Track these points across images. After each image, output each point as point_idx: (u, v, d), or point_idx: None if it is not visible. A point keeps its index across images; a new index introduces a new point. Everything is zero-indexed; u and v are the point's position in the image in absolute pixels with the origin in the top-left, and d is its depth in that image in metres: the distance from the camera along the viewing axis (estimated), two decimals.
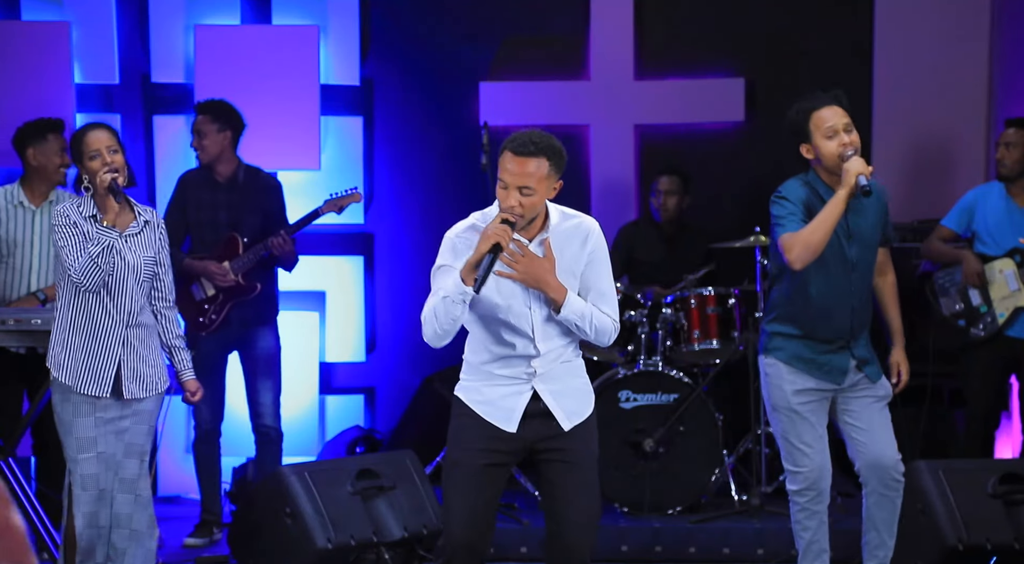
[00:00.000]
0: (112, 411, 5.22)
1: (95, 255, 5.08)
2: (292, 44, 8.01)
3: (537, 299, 4.41)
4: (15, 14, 8.02)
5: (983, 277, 6.65)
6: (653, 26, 8.19)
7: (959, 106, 7.87)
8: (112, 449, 5.21)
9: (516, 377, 4.44)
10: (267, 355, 6.85)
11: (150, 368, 5.29)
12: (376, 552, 6.04)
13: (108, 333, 5.21)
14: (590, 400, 4.54)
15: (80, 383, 5.18)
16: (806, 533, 5.34)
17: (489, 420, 4.43)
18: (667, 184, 7.65)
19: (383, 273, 8.17)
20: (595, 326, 4.41)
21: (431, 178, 8.15)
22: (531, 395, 4.43)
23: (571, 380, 4.50)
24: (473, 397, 4.47)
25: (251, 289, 6.76)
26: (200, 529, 6.84)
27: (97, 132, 5.26)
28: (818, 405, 5.30)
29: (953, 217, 6.82)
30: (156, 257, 5.31)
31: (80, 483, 5.19)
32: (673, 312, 7.12)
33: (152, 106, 8.08)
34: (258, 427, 6.88)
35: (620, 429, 6.91)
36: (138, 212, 5.31)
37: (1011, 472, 5.94)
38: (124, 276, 5.21)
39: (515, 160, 4.28)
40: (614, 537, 6.60)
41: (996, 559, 5.81)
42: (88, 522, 5.20)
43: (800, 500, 5.32)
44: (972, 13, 7.96)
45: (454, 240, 4.43)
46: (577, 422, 4.46)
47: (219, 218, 6.82)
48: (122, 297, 5.22)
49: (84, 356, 5.20)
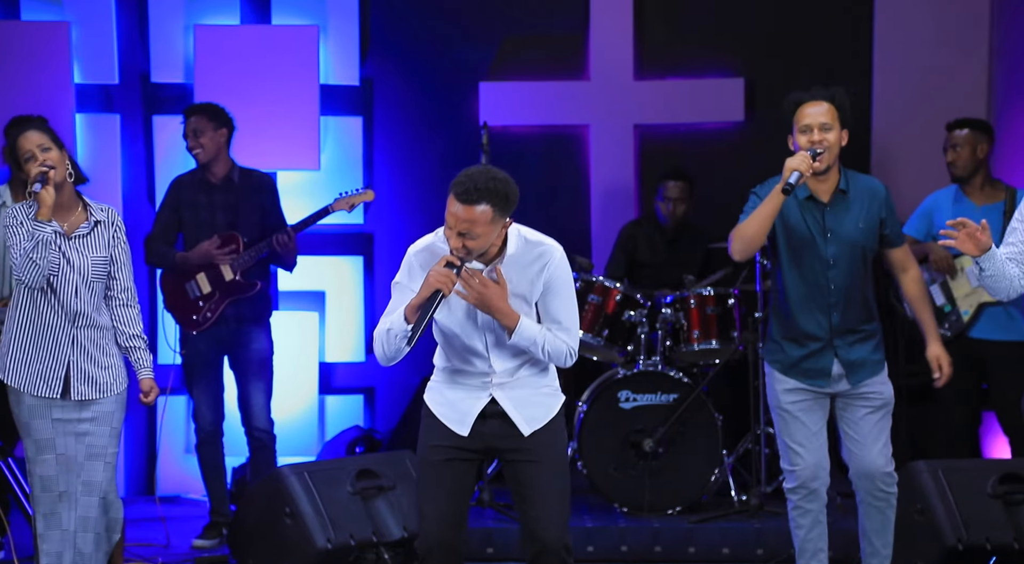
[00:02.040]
0: (70, 413, 5.18)
1: (28, 250, 5.02)
2: (292, 44, 8.00)
3: (489, 324, 4.45)
4: (15, 14, 8.02)
5: (951, 261, 6.69)
6: (653, 26, 8.19)
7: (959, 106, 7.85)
8: (72, 451, 5.17)
9: (475, 386, 4.52)
10: (259, 357, 6.84)
11: (103, 370, 5.23)
12: (376, 552, 6.04)
13: (55, 334, 5.17)
14: (555, 403, 4.57)
15: (28, 385, 5.15)
16: (800, 531, 5.41)
17: (444, 422, 4.51)
18: (677, 191, 7.62)
19: (383, 273, 8.16)
20: (548, 351, 4.45)
21: (431, 178, 8.14)
22: (488, 400, 4.50)
23: (533, 389, 4.54)
24: (434, 398, 4.58)
25: (250, 287, 6.76)
26: (209, 530, 6.83)
27: (27, 133, 5.17)
28: (810, 405, 5.34)
29: (913, 223, 6.91)
30: (109, 255, 5.24)
31: (40, 485, 5.16)
32: (673, 312, 7.12)
33: (152, 106, 8.08)
34: (250, 431, 6.85)
35: (620, 429, 6.90)
36: (91, 212, 5.25)
37: (1011, 472, 5.94)
38: (70, 277, 5.16)
39: (458, 205, 4.30)
40: (614, 537, 6.59)
41: (996, 559, 5.81)
42: (48, 524, 5.17)
43: (794, 498, 5.39)
44: (972, 13, 7.95)
45: (411, 259, 4.49)
46: (536, 427, 4.51)
47: (216, 219, 6.81)
48: (68, 298, 5.16)
49: (32, 358, 5.17)
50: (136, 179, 8.07)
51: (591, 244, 8.05)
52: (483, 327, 4.47)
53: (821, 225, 5.25)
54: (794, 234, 5.29)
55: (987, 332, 6.63)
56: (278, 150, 7.88)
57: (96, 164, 7.71)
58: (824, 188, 5.30)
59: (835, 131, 5.23)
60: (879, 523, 5.41)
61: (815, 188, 5.30)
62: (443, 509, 4.48)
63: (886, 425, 5.38)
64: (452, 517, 4.50)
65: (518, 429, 4.49)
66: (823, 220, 5.26)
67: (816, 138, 5.19)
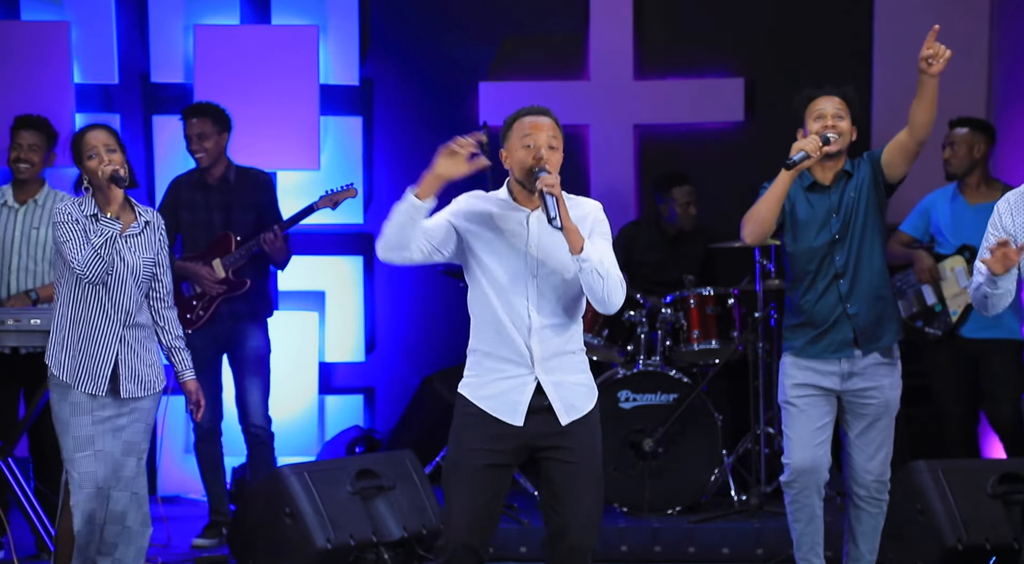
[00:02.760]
0: (109, 410, 5.22)
1: (98, 246, 5.10)
2: (292, 44, 8.01)
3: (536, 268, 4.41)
4: (15, 14, 8.03)
5: (935, 273, 6.73)
6: (653, 26, 8.19)
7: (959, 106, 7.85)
8: (110, 447, 5.22)
9: (517, 363, 4.40)
10: (256, 354, 6.84)
11: (147, 367, 5.30)
12: (376, 552, 6.04)
13: (105, 332, 5.22)
14: (592, 396, 4.51)
15: (77, 381, 5.18)
16: (797, 525, 5.47)
17: (494, 415, 4.41)
18: (686, 195, 7.63)
19: (383, 273, 8.17)
20: (611, 273, 4.36)
21: None
22: (535, 387, 4.41)
23: (572, 375, 4.47)
24: (477, 393, 4.46)
25: (240, 285, 6.76)
26: (209, 530, 6.83)
27: (95, 132, 5.28)
28: (816, 401, 5.39)
29: (910, 221, 6.93)
30: (156, 258, 5.33)
31: (78, 482, 5.19)
32: (673, 312, 7.12)
33: (152, 106, 8.08)
34: (247, 428, 6.85)
35: (620, 429, 6.91)
36: (139, 212, 5.33)
37: (1011, 472, 5.94)
38: (123, 275, 5.22)
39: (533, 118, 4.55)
40: (614, 537, 6.59)
41: (996, 559, 5.81)
42: (86, 520, 5.21)
43: (790, 492, 5.46)
44: (972, 13, 7.95)
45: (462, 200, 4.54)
46: (575, 417, 4.44)
47: (213, 219, 6.83)
48: (120, 296, 5.22)
49: (81, 354, 5.20)
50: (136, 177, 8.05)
51: None
52: (530, 271, 4.40)
53: (827, 205, 5.35)
54: (801, 220, 5.37)
55: (977, 331, 6.65)
56: (278, 150, 7.89)
57: None
58: (828, 175, 5.38)
59: (847, 121, 5.34)
60: (869, 527, 5.46)
61: (819, 176, 5.38)
62: (476, 516, 4.39)
63: (887, 433, 5.42)
64: (482, 524, 4.41)
65: (559, 425, 4.40)
66: (828, 201, 5.35)
67: (830, 123, 5.30)
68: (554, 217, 4.26)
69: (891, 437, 5.43)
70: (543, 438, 4.42)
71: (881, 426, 5.39)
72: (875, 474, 5.39)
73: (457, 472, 4.43)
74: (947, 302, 6.72)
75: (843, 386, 5.37)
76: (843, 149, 5.35)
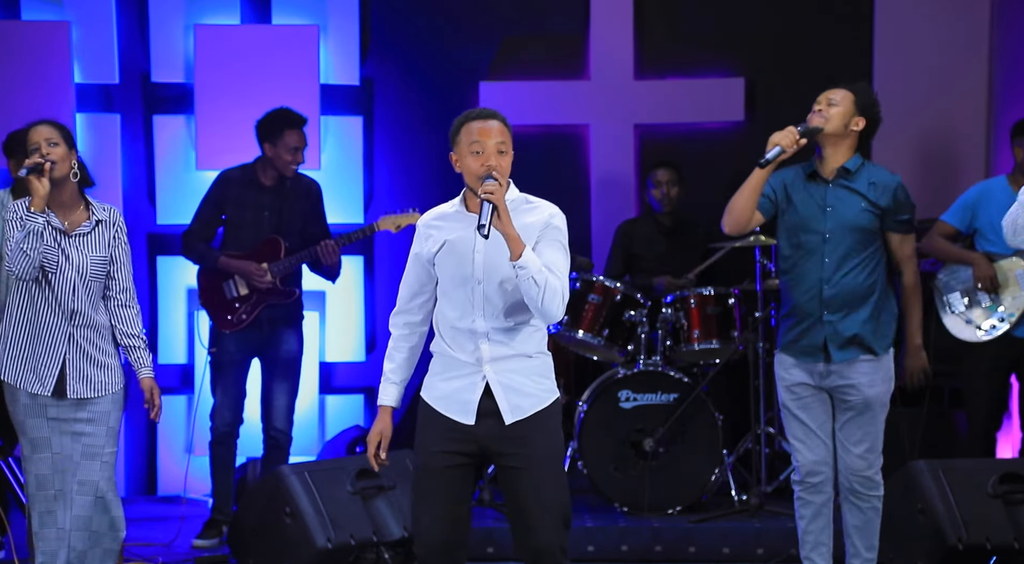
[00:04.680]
0: (66, 412, 5.18)
1: (19, 240, 5.04)
2: (292, 44, 8.01)
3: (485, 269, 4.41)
4: (15, 14, 8.02)
5: (996, 280, 6.50)
6: (653, 26, 8.19)
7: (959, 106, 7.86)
8: (68, 450, 5.17)
9: (468, 363, 4.44)
10: (289, 358, 6.85)
11: (99, 369, 5.23)
12: (376, 552, 6.04)
13: (51, 331, 5.17)
14: (545, 399, 4.48)
15: (23, 381, 5.16)
16: (802, 522, 5.51)
17: (447, 414, 4.48)
18: (666, 175, 7.65)
19: (383, 273, 8.17)
20: (548, 283, 4.31)
21: (431, 178, 8.14)
22: (484, 387, 4.43)
23: (524, 376, 4.46)
24: (432, 394, 4.54)
25: (289, 294, 6.78)
26: (209, 529, 6.82)
27: (39, 127, 5.20)
28: (809, 402, 5.44)
29: (955, 213, 6.69)
30: (109, 255, 5.26)
31: (35, 483, 5.16)
32: (673, 312, 7.12)
33: (152, 106, 8.08)
34: (269, 430, 6.85)
35: (620, 429, 6.90)
36: (92, 211, 5.27)
37: (1011, 472, 5.94)
38: (67, 274, 5.17)
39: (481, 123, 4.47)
40: (614, 537, 6.59)
41: (996, 559, 5.81)
42: (43, 522, 5.17)
43: (797, 489, 5.51)
44: (972, 14, 7.95)
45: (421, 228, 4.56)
46: (519, 417, 4.43)
47: (262, 220, 6.80)
48: (65, 295, 5.17)
49: (27, 354, 5.17)
50: (136, 179, 8.07)
51: (591, 244, 8.05)
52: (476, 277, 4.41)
53: (822, 201, 5.37)
54: (796, 209, 5.41)
55: None
56: None
57: (96, 164, 7.67)
58: (828, 168, 5.41)
59: (842, 107, 5.36)
60: (860, 522, 5.46)
61: (820, 167, 5.42)
62: (443, 518, 4.44)
63: (869, 428, 5.41)
64: (452, 526, 4.45)
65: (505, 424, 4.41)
66: (824, 197, 5.37)
67: (819, 108, 5.37)
68: (483, 224, 4.25)
69: (875, 433, 5.41)
70: (496, 441, 4.43)
71: (861, 421, 5.40)
72: (855, 469, 5.40)
73: (420, 478, 4.52)
74: (1005, 305, 6.54)
75: (822, 383, 5.43)
76: (839, 134, 5.35)
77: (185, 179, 7.94)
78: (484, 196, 4.28)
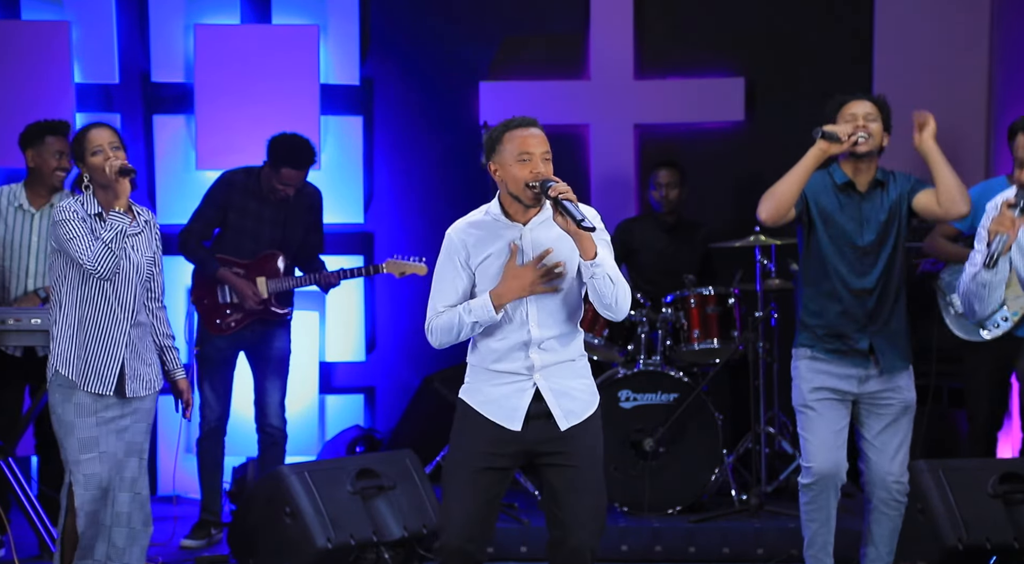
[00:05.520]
0: (113, 410, 5.22)
1: (109, 240, 5.09)
2: (292, 44, 8.01)
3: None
4: (15, 14, 8.02)
5: None
6: (653, 26, 8.19)
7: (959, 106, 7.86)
8: (113, 448, 5.21)
9: (517, 373, 4.44)
10: (279, 356, 6.84)
11: (148, 367, 5.30)
12: (376, 552, 6.04)
13: (113, 332, 5.21)
14: (592, 402, 4.53)
15: (85, 381, 5.17)
16: (812, 524, 5.48)
17: (493, 419, 4.44)
18: (668, 176, 7.65)
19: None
20: (619, 280, 4.38)
21: (431, 178, 8.15)
22: (533, 393, 4.44)
23: (572, 380, 4.50)
24: (476, 398, 4.49)
25: (281, 314, 6.78)
26: (198, 530, 6.80)
27: (99, 130, 5.27)
28: (833, 404, 5.39)
29: None
30: (154, 257, 5.34)
31: (83, 483, 5.18)
32: (673, 312, 7.12)
33: (152, 106, 8.08)
34: (263, 427, 6.85)
35: (620, 429, 6.91)
36: (137, 212, 5.32)
37: (1011, 472, 5.94)
38: (128, 274, 5.22)
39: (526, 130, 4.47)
40: (614, 537, 6.59)
41: (996, 559, 5.81)
42: (90, 521, 5.21)
43: (808, 493, 5.45)
44: (972, 13, 7.96)
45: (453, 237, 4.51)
46: (574, 422, 4.46)
47: (262, 232, 6.78)
48: (126, 295, 5.22)
49: (90, 354, 5.19)
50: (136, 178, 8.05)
51: None
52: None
53: (858, 213, 5.33)
54: (830, 220, 5.36)
55: None
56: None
57: None
58: (862, 180, 5.38)
59: (878, 125, 5.36)
60: (888, 530, 5.46)
61: (853, 176, 5.38)
62: (473, 518, 4.43)
63: (905, 433, 5.42)
64: (480, 526, 4.45)
65: (558, 430, 4.43)
66: (860, 209, 5.34)
67: (860, 123, 5.32)
68: (583, 219, 4.29)
69: (909, 437, 5.43)
70: (542, 443, 4.45)
71: (900, 426, 5.39)
72: (896, 475, 5.39)
73: (456, 473, 4.47)
74: (1007, 305, 6.54)
75: (860, 388, 5.38)
76: (874, 152, 5.35)
77: (185, 179, 7.94)
78: (562, 197, 4.31)
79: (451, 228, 4.54)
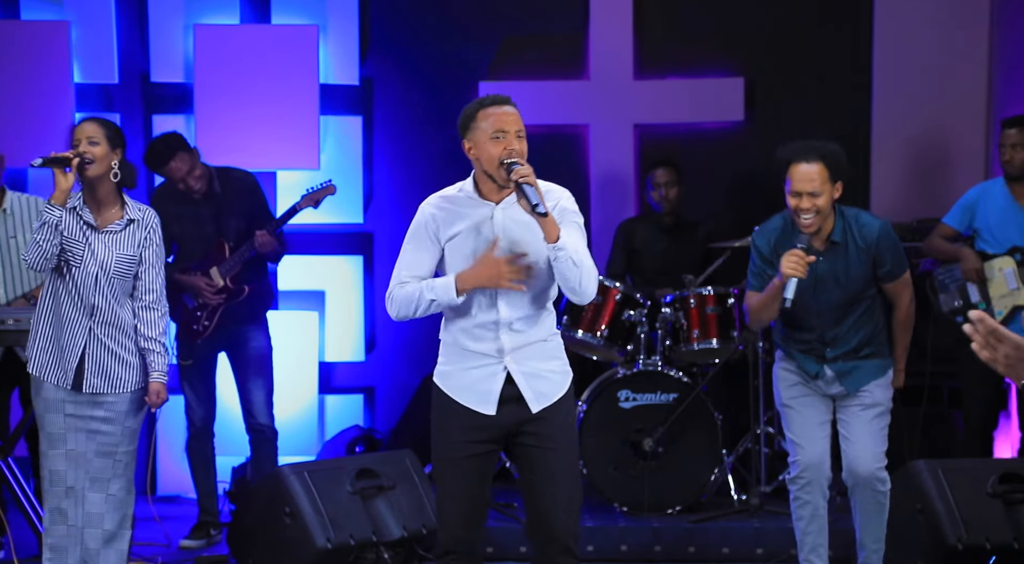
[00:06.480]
0: (83, 409, 5.20)
1: (35, 232, 5.10)
2: (291, 44, 8.01)
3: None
4: (15, 14, 8.03)
5: (982, 274, 6.63)
6: (653, 26, 8.19)
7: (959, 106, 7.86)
8: (82, 447, 5.19)
9: (487, 355, 4.44)
10: (258, 354, 6.83)
11: (120, 366, 5.25)
12: (376, 552, 6.04)
13: (72, 324, 5.19)
14: (564, 382, 4.51)
15: (45, 372, 5.19)
16: (800, 523, 5.56)
17: (467, 405, 4.45)
18: (665, 176, 7.64)
19: (383, 273, 8.16)
20: (584, 262, 4.34)
21: (431, 178, 8.11)
22: (504, 377, 4.43)
23: (544, 362, 4.48)
24: (449, 383, 4.49)
25: (239, 293, 6.74)
26: (197, 530, 6.81)
27: (84, 124, 5.27)
28: (811, 400, 5.53)
29: (955, 215, 6.77)
30: (138, 255, 5.28)
31: (48, 478, 5.19)
32: (672, 312, 7.12)
33: (152, 105, 8.08)
34: (252, 426, 6.84)
35: (620, 429, 6.90)
36: (127, 210, 5.29)
37: (1011, 472, 5.94)
38: (90, 269, 5.19)
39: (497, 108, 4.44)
40: (614, 537, 6.59)
41: (996, 559, 5.81)
42: (53, 518, 5.19)
43: (793, 488, 5.55)
44: (972, 13, 7.96)
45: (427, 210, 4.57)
46: (546, 404, 4.45)
47: (204, 230, 6.75)
48: (86, 290, 5.19)
49: (50, 346, 5.20)
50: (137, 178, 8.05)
51: (591, 244, 7.96)
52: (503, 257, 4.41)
53: (813, 275, 5.37)
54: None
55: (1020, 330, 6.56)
56: (278, 150, 7.89)
57: None
58: (818, 239, 5.41)
59: (825, 196, 5.31)
60: (870, 519, 5.53)
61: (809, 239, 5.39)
62: (467, 510, 4.44)
63: (878, 425, 5.49)
64: (475, 516, 4.47)
65: (530, 411, 4.42)
66: (815, 270, 5.38)
67: (805, 206, 5.29)
68: (537, 204, 4.25)
69: (882, 430, 5.49)
70: (516, 425, 4.45)
71: (868, 416, 5.47)
72: (870, 465, 5.44)
73: (444, 469, 4.48)
74: (992, 302, 6.61)
75: (828, 391, 5.53)
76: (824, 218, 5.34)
77: None
78: (521, 180, 4.27)
79: (425, 201, 4.57)
